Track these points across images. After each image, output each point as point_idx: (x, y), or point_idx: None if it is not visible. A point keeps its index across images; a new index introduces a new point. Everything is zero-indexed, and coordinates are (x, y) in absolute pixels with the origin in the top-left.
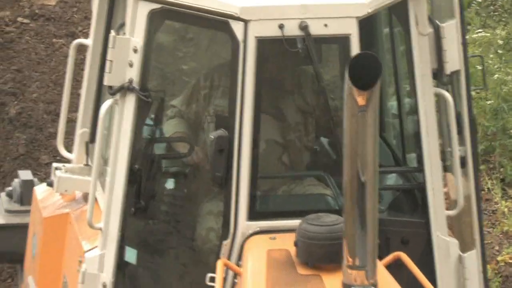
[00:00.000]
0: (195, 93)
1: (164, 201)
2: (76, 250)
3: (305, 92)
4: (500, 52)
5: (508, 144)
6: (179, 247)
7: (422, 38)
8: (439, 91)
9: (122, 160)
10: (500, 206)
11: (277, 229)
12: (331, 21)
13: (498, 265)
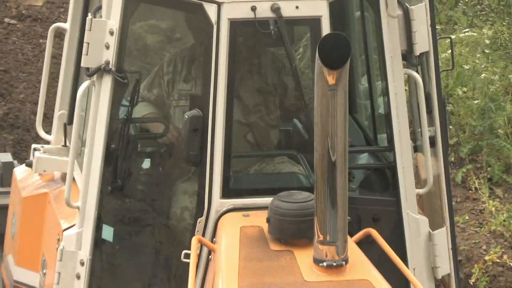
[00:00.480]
0: (157, 78)
1: (140, 180)
2: (55, 228)
3: (276, 74)
4: (487, 51)
5: (495, 143)
6: (155, 225)
7: (391, 20)
8: (409, 72)
9: (98, 141)
10: (487, 205)
11: (250, 207)
12: (302, 3)
13: (486, 265)
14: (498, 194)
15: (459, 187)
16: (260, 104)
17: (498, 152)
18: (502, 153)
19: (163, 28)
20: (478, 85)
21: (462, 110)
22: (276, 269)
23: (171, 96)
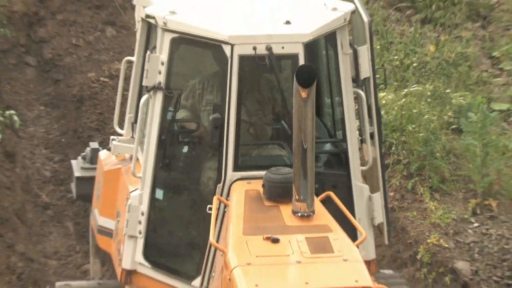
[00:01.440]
0: (190, 93)
1: (180, 159)
2: (125, 191)
3: (269, 90)
4: (429, 100)
5: (434, 163)
6: (190, 189)
7: (345, 56)
8: (356, 91)
9: (154, 134)
10: (429, 205)
11: (252, 177)
12: (286, 45)
13: (428, 246)
14: (436, 197)
15: (409, 192)
16: (259, 110)
17: (436, 168)
18: (439, 170)
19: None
20: (422, 123)
21: (412, 140)
22: (268, 218)
23: (201, 104)
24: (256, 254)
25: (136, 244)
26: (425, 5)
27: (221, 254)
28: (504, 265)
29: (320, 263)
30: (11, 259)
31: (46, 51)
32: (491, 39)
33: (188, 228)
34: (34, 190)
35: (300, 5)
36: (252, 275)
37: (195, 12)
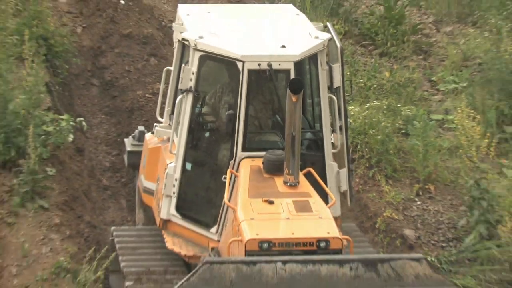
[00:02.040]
0: (211, 94)
1: (204, 142)
2: (163, 163)
3: (269, 95)
4: (385, 112)
5: (388, 158)
6: (211, 163)
7: (323, 71)
8: (330, 96)
9: (185, 123)
10: (384, 188)
11: (255, 156)
12: (282, 63)
13: (384, 218)
14: (390, 183)
15: (370, 179)
16: (261, 108)
17: (389, 162)
18: (392, 163)
19: (217, 71)
20: (380, 129)
21: (372, 141)
22: (266, 186)
23: (220, 103)
24: (257, 212)
25: (171, 201)
26: (382, 43)
27: (232, 210)
28: (439, 232)
29: (302, 219)
30: (80, 226)
31: (106, 75)
32: (430, 67)
33: (208, 191)
34: (97, 176)
35: (292, 33)
36: (254, 226)
37: (216, 37)
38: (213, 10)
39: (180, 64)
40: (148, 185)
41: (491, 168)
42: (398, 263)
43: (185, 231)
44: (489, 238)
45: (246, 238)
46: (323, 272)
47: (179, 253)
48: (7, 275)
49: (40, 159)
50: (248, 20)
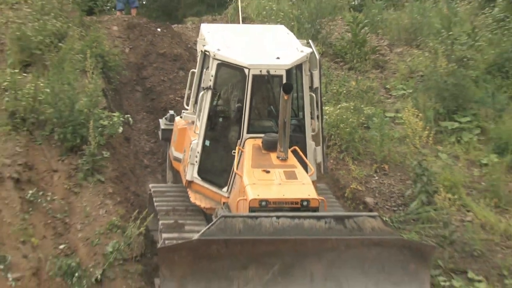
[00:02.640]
0: (224, 91)
1: (218, 125)
2: (189, 140)
3: (266, 92)
4: (352, 111)
5: (354, 145)
6: (223, 141)
7: (306, 76)
8: (311, 93)
9: (205, 111)
10: (351, 167)
11: (256, 137)
12: (277, 70)
13: (351, 189)
14: (355, 163)
15: (341, 160)
16: (261, 102)
17: (355, 148)
18: (357, 148)
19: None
20: (348, 123)
21: (342, 132)
22: (264, 159)
23: (231, 98)
24: (258, 178)
25: (194, 167)
26: (350, 60)
27: (239, 176)
28: (392, 200)
29: (290, 185)
30: (127, 195)
31: (146, 83)
32: (385, 78)
33: (221, 161)
34: (140, 158)
35: (284, 48)
36: (255, 189)
37: (230, 49)
38: (227, 29)
39: (202, 68)
40: (177, 155)
41: (430, 153)
42: (359, 219)
43: (204, 189)
44: (428, 204)
45: (250, 198)
46: (305, 225)
47: (199, 206)
48: (73, 231)
49: (98, 145)
50: (252, 37)
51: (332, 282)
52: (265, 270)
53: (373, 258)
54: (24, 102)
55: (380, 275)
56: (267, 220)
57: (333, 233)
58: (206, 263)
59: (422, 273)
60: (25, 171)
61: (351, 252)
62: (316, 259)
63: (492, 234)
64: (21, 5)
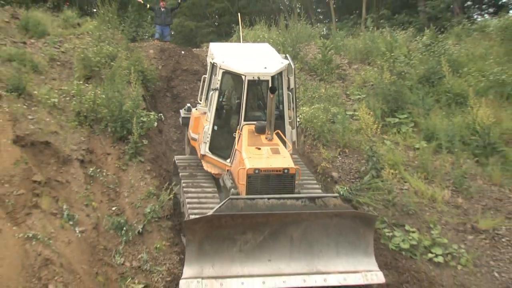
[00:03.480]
0: (227, 92)
1: (223, 115)
2: (202, 125)
3: (258, 92)
4: (322, 110)
5: (324, 135)
6: (226, 127)
7: (285, 79)
8: (288, 92)
9: (213, 105)
10: (322, 151)
11: (251, 124)
12: (265, 76)
13: (321, 166)
14: (324, 148)
15: (314, 146)
16: (254, 99)
17: (324, 137)
18: (326, 137)
19: (231, 80)
20: (319, 119)
21: (315, 126)
22: (256, 139)
23: (232, 95)
24: (252, 153)
25: (206, 145)
26: (320, 73)
27: (239, 152)
28: (351, 174)
29: (275, 158)
30: (161, 171)
31: (174, 91)
32: (346, 87)
33: (225, 141)
34: (169, 144)
35: (269, 60)
36: (251, 161)
37: (232, 61)
38: (229, 46)
39: (211, 75)
40: (194, 136)
41: (378, 140)
42: (325, 199)
43: (213, 160)
44: (377, 177)
45: (247, 167)
46: (287, 203)
47: (210, 172)
48: (122, 197)
49: (139, 135)
50: (248, 52)
51: (305, 242)
52: (259, 234)
53: (334, 225)
54: (86, 104)
55: (339, 237)
56: (261, 201)
57: (307, 208)
58: (217, 230)
59: (368, 235)
60: (87, 154)
61: (319, 221)
62: (295, 227)
63: (422, 198)
64: (84, 36)
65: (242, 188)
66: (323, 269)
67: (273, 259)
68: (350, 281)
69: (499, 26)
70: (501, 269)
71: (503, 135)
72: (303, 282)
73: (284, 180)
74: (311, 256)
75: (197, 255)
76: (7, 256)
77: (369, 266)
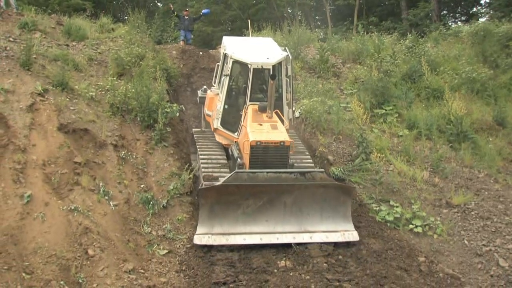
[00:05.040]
0: (236, 77)
1: (233, 96)
2: (215, 104)
3: (261, 79)
4: (319, 103)
5: (322, 124)
6: (236, 106)
7: (284, 68)
8: (286, 79)
9: (225, 87)
10: (319, 138)
11: (255, 104)
12: (267, 65)
13: (319, 151)
14: (321, 135)
15: (312, 134)
16: (257, 83)
17: (322, 125)
18: (323, 126)
19: (240, 68)
20: (317, 110)
21: (314, 116)
22: (259, 117)
23: (240, 81)
24: (255, 128)
25: (218, 120)
26: (318, 71)
27: (244, 127)
28: (344, 157)
29: (274, 133)
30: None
31: (193, 86)
32: (340, 83)
33: (234, 117)
34: (190, 131)
35: (271, 51)
36: (254, 134)
37: (240, 51)
38: (239, 39)
39: (223, 63)
40: (208, 113)
41: (367, 129)
42: (313, 173)
43: (224, 133)
44: (366, 160)
45: (250, 140)
46: (282, 176)
47: (221, 143)
48: (149, 176)
49: (164, 124)
50: (253, 45)
51: (296, 207)
52: (258, 201)
53: (320, 194)
54: (119, 97)
55: (324, 203)
56: (262, 174)
57: (298, 180)
58: (225, 197)
59: (347, 202)
60: (120, 139)
61: (308, 191)
62: (288, 195)
63: (404, 178)
64: (117, 39)
65: (246, 157)
66: (310, 228)
67: (269, 220)
68: (331, 238)
69: (470, 32)
70: (470, 237)
71: (473, 124)
72: (293, 239)
73: (280, 150)
74: (300, 219)
75: (208, 216)
76: (54, 224)
77: (347, 227)
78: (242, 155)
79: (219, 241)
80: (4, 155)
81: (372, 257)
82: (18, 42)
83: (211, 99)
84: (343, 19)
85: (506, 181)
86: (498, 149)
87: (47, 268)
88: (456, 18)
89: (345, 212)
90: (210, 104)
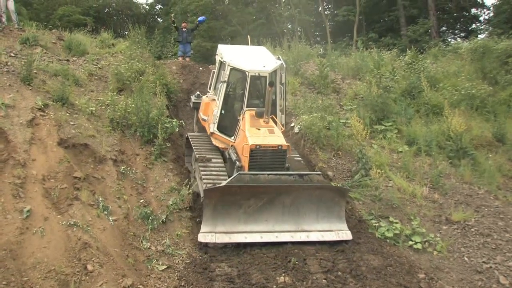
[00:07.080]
0: (233, 84)
1: (230, 102)
2: (211, 109)
3: (258, 86)
4: (319, 118)
5: (321, 139)
6: (232, 111)
7: (278, 76)
8: (281, 86)
9: (222, 93)
10: (318, 153)
11: (252, 109)
12: (264, 73)
13: (319, 167)
14: (321, 151)
15: (312, 149)
16: (255, 90)
17: (321, 141)
18: (322, 141)
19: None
20: (317, 126)
21: (313, 132)
22: (256, 122)
23: (237, 87)
24: (253, 133)
25: (214, 125)
26: (318, 87)
27: (242, 131)
28: (343, 173)
29: (271, 137)
30: (181, 170)
31: None
32: (340, 98)
33: (230, 122)
34: None
35: (267, 60)
36: (253, 138)
37: (238, 59)
38: (234, 47)
39: (219, 70)
40: (204, 117)
41: (367, 144)
42: (310, 176)
43: (220, 137)
44: (366, 175)
45: (250, 143)
46: (282, 178)
47: (218, 146)
48: (148, 191)
49: (163, 139)
50: (250, 52)
51: (294, 208)
52: (259, 201)
53: (317, 195)
54: (119, 112)
55: (320, 203)
56: (263, 176)
57: (296, 182)
58: (228, 197)
59: (341, 203)
60: (119, 154)
61: (305, 192)
62: (287, 196)
63: (404, 194)
64: (117, 54)
65: (245, 159)
66: (307, 228)
67: (269, 220)
68: (326, 237)
69: (469, 48)
70: (470, 254)
71: (473, 140)
72: (291, 238)
73: (278, 154)
74: (297, 218)
75: (212, 215)
76: (53, 239)
77: (341, 226)
78: (241, 158)
79: (222, 239)
80: (4, 169)
81: (371, 274)
82: (19, 57)
83: (207, 104)
84: (342, 35)
85: (506, 197)
86: (498, 166)
87: (46, 283)
88: (455, 35)
89: (339, 212)
90: (206, 109)
